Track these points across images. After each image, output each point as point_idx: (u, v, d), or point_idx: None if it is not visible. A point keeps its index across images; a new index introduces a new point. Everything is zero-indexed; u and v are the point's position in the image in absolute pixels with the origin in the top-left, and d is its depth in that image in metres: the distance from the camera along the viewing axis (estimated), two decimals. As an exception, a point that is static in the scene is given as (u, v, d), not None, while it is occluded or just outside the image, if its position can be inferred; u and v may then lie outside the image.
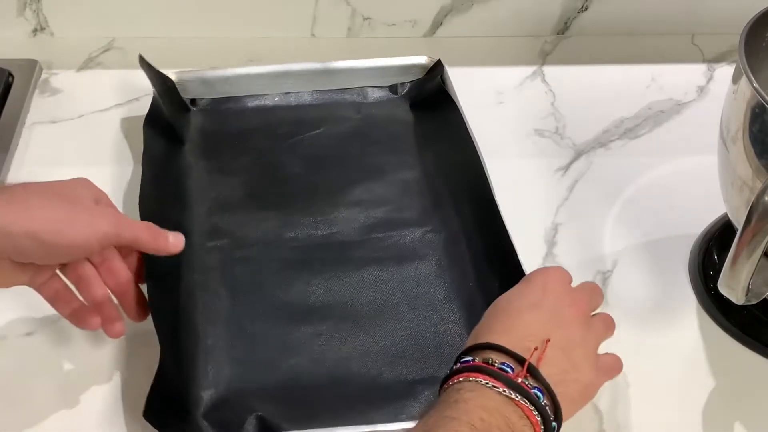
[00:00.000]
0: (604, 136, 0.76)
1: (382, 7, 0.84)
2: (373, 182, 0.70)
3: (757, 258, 0.50)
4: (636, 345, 0.60)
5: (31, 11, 0.82)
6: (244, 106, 0.76)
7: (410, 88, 0.77)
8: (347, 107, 0.76)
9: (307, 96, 0.77)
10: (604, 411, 0.57)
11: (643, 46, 0.86)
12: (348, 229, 0.66)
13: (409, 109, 0.76)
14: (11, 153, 0.71)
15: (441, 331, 0.59)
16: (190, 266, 0.62)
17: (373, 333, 0.59)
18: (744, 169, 0.53)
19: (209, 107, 0.75)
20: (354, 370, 0.57)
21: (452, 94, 0.73)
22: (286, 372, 0.57)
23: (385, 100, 0.77)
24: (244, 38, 0.84)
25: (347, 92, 0.77)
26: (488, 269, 0.62)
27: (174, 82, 0.74)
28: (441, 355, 0.58)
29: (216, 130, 0.74)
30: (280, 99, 0.77)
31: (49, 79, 0.79)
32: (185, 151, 0.72)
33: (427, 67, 0.77)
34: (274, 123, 0.74)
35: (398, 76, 0.78)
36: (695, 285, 0.64)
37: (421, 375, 0.57)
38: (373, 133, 0.74)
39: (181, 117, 0.74)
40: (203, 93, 0.76)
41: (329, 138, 0.73)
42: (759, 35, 0.55)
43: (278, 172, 0.70)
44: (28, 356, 0.58)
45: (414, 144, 0.73)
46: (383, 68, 0.77)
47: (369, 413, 0.54)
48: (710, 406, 0.57)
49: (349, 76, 0.77)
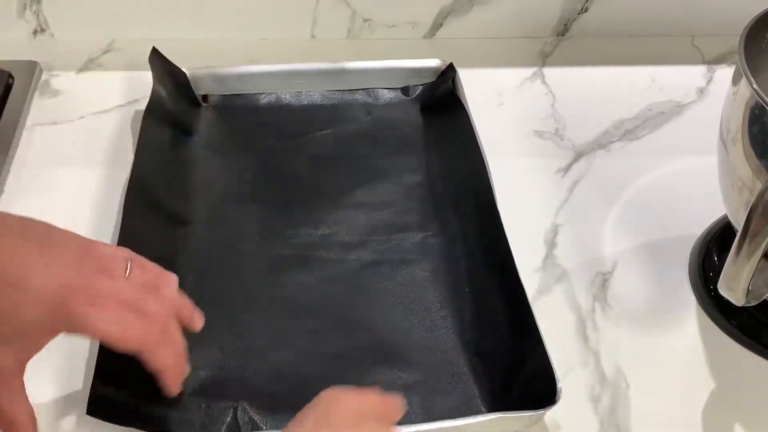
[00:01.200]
0: (604, 138, 0.76)
1: (382, 8, 0.84)
2: (376, 184, 0.70)
3: (757, 259, 0.50)
4: (636, 346, 0.60)
5: (32, 13, 0.82)
6: (255, 103, 0.76)
7: (422, 90, 0.77)
8: (358, 108, 0.76)
9: (318, 96, 0.77)
10: (604, 413, 0.57)
11: (643, 47, 0.86)
12: (348, 230, 0.66)
13: (419, 112, 0.76)
14: (11, 154, 0.71)
15: (433, 337, 0.59)
16: (187, 253, 0.63)
17: (364, 334, 0.59)
18: (744, 171, 0.53)
19: (220, 103, 0.76)
20: (342, 369, 0.57)
21: (462, 99, 0.73)
22: (272, 364, 0.57)
23: (396, 102, 0.77)
24: (244, 40, 0.84)
25: (358, 93, 0.77)
26: (484, 277, 0.62)
27: (187, 76, 0.75)
28: (431, 360, 0.58)
29: (225, 126, 0.74)
30: (291, 98, 0.77)
31: (50, 81, 0.79)
32: (192, 144, 0.72)
33: (439, 70, 0.77)
34: (283, 121, 0.75)
35: (410, 78, 0.78)
36: (695, 286, 0.64)
37: (410, 379, 0.57)
38: (382, 135, 0.74)
39: (192, 112, 0.74)
40: (215, 89, 0.76)
41: (337, 138, 0.74)
42: (759, 37, 0.55)
43: (283, 170, 0.71)
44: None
45: (421, 147, 0.73)
46: (395, 70, 0.77)
47: None
48: (710, 407, 0.57)
49: (360, 77, 0.77)
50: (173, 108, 0.73)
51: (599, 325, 0.62)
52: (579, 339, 0.61)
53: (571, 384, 0.58)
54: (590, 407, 0.57)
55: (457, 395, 0.56)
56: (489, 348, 0.58)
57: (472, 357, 0.58)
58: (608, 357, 0.60)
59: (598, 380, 0.58)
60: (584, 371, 0.59)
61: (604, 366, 0.59)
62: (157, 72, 0.73)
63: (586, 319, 0.62)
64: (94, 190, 0.69)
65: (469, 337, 0.59)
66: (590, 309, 0.63)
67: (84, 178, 0.70)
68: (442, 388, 0.56)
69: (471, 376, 0.57)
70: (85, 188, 0.69)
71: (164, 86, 0.73)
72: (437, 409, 0.55)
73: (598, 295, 0.64)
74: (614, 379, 0.58)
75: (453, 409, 0.55)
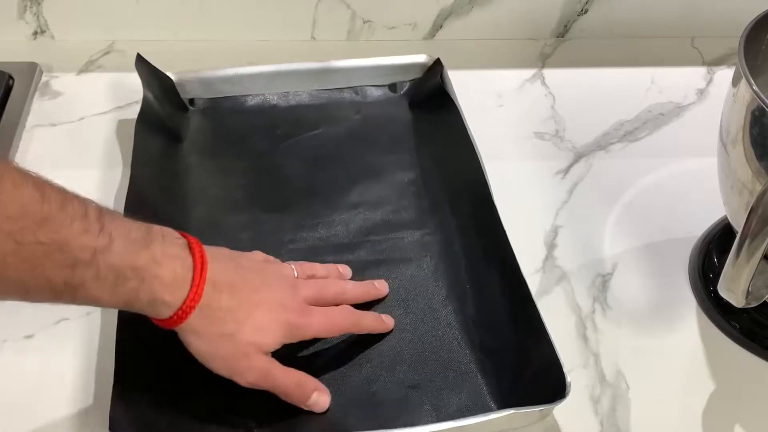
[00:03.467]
0: (603, 139, 0.76)
1: (382, 10, 0.84)
2: (371, 183, 0.70)
3: (757, 261, 0.50)
4: (636, 348, 0.60)
5: (32, 14, 0.82)
6: (243, 105, 0.76)
7: (409, 87, 0.77)
8: (346, 107, 0.76)
9: (305, 96, 0.77)
10: (604, 414, 0.57)
11: (643, 49, 0.86)
12: (346, 232, 0.66)
13: (408, 109, 0.76)
14: (11, 156, 0.71)
15: (439, 335, 0.59)
16: None
17: (370, 337, 0.59)
18: (744, 172, 0.53)
19: (208, 107, 0.76)
20: (348, 374, 0.57)
21: (451, 94, 0.73)
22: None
23: (384, 99, 0.77)
24: (245, 41, 0.84)
25: (346, 91, 0.77)
26: (485, 272, 0.62)
27: (173, 81, 0.74)
28: (437, 359, 0.58)
29: (214, 129, 0.74)
30: (278, 99, 0.77)
31: (50, 82, 0.79)
32: (183, 150, 0.72)
33: (426, 66, 0.77)
34: (272, 123, 0.74)
35: (397, 75, 0.78)
36: (695, 288, 0.64)
37: (418, 379, 0.57)
38: (372, 133, 0.74)
39: (180, 116, 0.74)
40: (202, 93, 0.76)
41: (328, 138, 0.73)
42: (758, 38, 0.55)
43: (276, 173, 0.70)
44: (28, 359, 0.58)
45: (413, 144, 0.73)
46: (382, 67, 0.77)
47: (361, 420, 0.54)
48: (710, 409, 0.57)
49: (348, 75, 0.77)
50: (162, 113, 0.72)
51: (599, 326, 0.62)
52: (579, 340, 0.61)
53: (572, 385, 0.58)
54: (590, 408, 0.57)
55: (466, 393, 0.56)
56: (495, 344, 0.58)
57: (478, 353, 0.58)
58: (608, 358, 0.60)
59: (598, 381, 0.58)
60: (584, 372, 0.59)
61: (604, 367, 0.59)
62: (145, 78, 0.72)
63: (586, 321, 0.62)
64: (94, 191, 0.69)
65: (474, 334, 0.59)
66: (590, 310, 0.63)
67: (84, 179, 0.70)
68: (450, 386, 0.56)
69: (478, 372, 0.57)
70: (85, 189, 0.69)
71: (152, 92, 0.72)
72: (447, 407, 0.55)
73: (599, 296, 0.64)
74: (614, 380, 0.58)
75: (463, 406, 0.55)
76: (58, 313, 0.60)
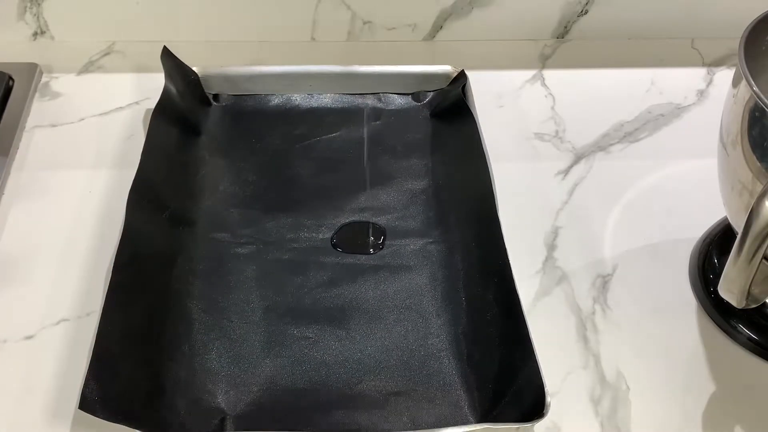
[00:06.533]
0: (604, 140, 0.76)
1: (382, 11, 0.84)
2: (380, 189, 0.70)
3: (757, 262, 0.49)
4: (636, 348, 0.60)
5: (32, 15, 0.82)
6: (265, 104, 0.76)
7: (432, 97, 0.77)
8: (368, 112, 0.76)
9: (328, 99, 0.77)
10: (604, 415, 0.57)
11: (643, 50, 0.86)
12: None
13: (429, 118, 0.76)
14: (11, 156, 0.71)
15: (427, 345, 0.59)
16: (186, 253, 0.63)
17: (360, 340, 0.59)
18: (744, 173, 0.53)
19: (230, 103, 0.76)
20: (334, 376, 0.57)
21: (471, 107, 0.73)
22: (263, 371, 0.57)
23: (406, 107, 0.77)
24: (245, 42, 0.84)
25: (369, 97, 0.77)
26: (481, 287, 0.62)
27: (198, 75, 0.75)
28: (422, 368, 0.58)
29: (233, 126, 0.74)
30: (301, 100, 0.77)
31: (50, 83, 0.79)
32: (200, 143, 0.72)
33: (450, 77, 0.77)
34: (292, 123, 0.75)
35: (421, 84, 0.77)
36: (695, 289, 0.64)
37: (399, 387, 0.57)
38: (389, 140, 0.74)
39: (200, 111, 0.75)
40: (225, 89, 0.77)
41: (344, 142, 0.73)
42: (758, 39, 0.55)
43: (288, 172, 0.71)
44: (28, 359, 0.58)
45: (428, 153, 0.73)
46: (406, 75, 0.77)
47: (342, 421, 0.54)
48: (710, 409, 0.57)
49: (371, 82, 0.77)
50: (183, 107, 0.73)
51: (599, 327, 0.62)
52: (579, 341, 0.61)
53: (572, 386, 0.58)
54: (591, 409, 0.57)
55: (446, 405, 0.56)
56: (481, 358, 0.58)
57: (464, 366, 0.58)
58: (608, 359, 0.60)
59: (598, 382, 0.58)
60: (584, 373, 0.59)
61: (604, 368, 0.59)
62: (168, 71, 0.73)
63: (587, 321, 0.62)
64: (94, 192, 0.69)
65: (463, 347, 0.59)
66: (590, 311, 0.63)
67: (84, 180, 0.70)
68: (431, 396, 0.56)
69: (461, 385, 0.57)
70: (85, 190, 0.69)
71: (175, 85, 0.73)
72: (425, 417, 0.55)
73: (599, 297, 0.64)
74: (614, 381, 0.58)
75: (441, 418, 0.55)
76: (58, 313, 0.60)
